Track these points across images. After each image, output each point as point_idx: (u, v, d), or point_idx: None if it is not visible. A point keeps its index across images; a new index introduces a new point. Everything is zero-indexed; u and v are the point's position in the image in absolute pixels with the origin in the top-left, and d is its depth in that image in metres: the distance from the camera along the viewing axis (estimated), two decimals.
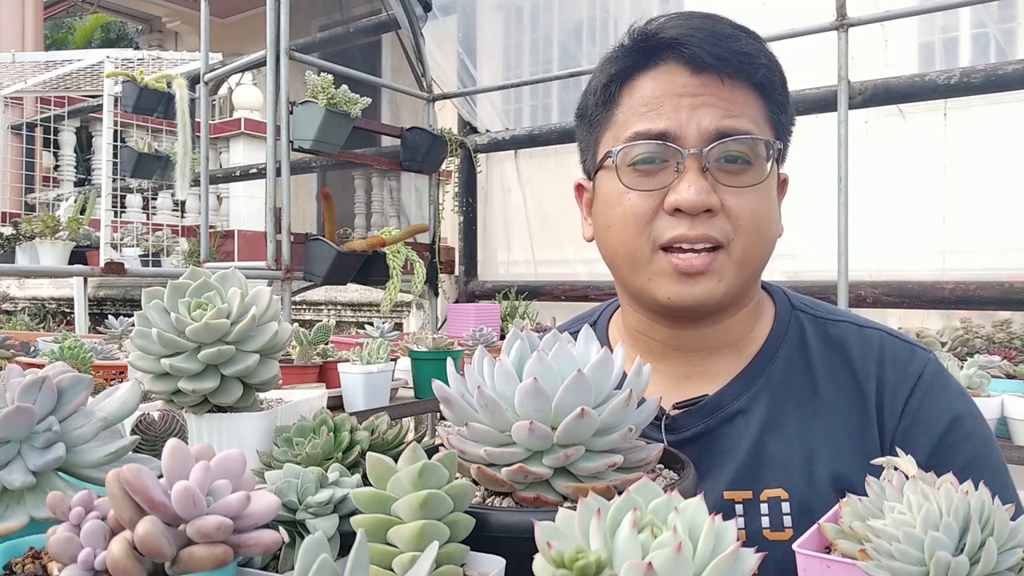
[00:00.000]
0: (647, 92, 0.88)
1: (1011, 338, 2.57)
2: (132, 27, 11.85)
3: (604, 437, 0.56)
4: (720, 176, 0.85)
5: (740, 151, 0.85)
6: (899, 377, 0.90)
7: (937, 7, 2.99)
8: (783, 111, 0.91)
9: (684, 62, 0.86)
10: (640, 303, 0.94)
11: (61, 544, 0.42)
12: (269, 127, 3.24)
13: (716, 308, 0.89)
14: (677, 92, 0.86)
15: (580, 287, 4.09)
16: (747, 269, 0.88)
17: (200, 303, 0.72)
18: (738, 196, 0.85)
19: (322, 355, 2.17)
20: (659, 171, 0.87)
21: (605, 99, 0.92)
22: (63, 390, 0.56)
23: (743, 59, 0.86)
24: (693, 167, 0.84)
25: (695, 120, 0.85)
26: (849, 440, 0.87)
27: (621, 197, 0.89)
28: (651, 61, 0.88)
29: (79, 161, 7.89)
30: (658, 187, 0.86)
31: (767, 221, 0.88)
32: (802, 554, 0.47)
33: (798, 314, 0.97)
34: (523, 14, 4.69)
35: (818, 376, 0.91)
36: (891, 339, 0.93)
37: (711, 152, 0.84)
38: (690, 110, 0.85)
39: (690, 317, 0.91)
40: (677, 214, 0.84)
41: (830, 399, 0.90)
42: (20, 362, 1.71)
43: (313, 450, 0.60)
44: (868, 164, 3.26)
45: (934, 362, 0.92)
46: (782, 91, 0.91)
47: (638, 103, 0.89)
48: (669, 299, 0.87)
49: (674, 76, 0.87)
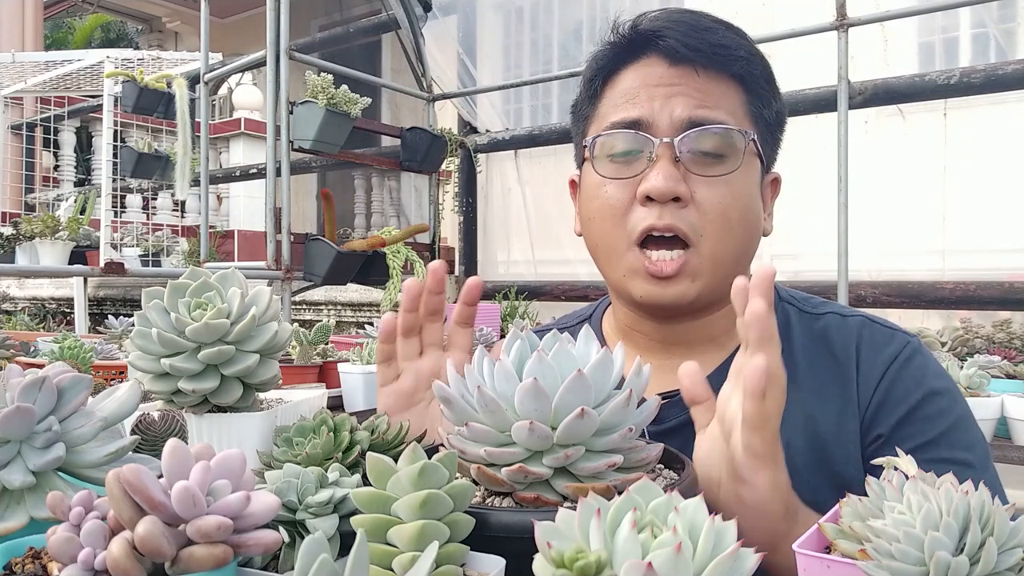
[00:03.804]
0: (627, 84, 0.90)
1: (1011, 338, 2.57)
2: (132, 27, 11.85)
3: (604, 437, 0.56)
4: (692, 166, 0.85)
5: (713, 142, 0.86)
6: (875, 358, 0.90)
7: (937, 7, 2.99)
8: (766, 105, 0.91)
9: (662, 54, 0.88)
10: (620, 298, 0.96)
11: (61, 544, 0.42)
12: (269, 127, 3.24)
13: (692, 307, 0.90)
14: (653, 83, 0.88)
15: (580, 287, 4.09)
16: (722, 267, 0.87)
17: (200, 303, 0.72)
18: (708, 187, 0.85)
19: (322, 355, 2.17)
20: (634, 161, 0.87)
21: (590, 94, 0.94)
22: (63, 390, 0.56)
23: (719, 50, 0.86)
24: (665, 155, 0.85)
25: (668, 109, 0.86)
26: (828, 424, 0.88)
27: (599, 189, 0.90)
28: (632, 55, 0.90)
29: (79, 161, 7.89)
30: (632, 176, 0.87)
31: (740, 216, 0.87)
32: (802, 554, 0.47)
33: (785, 306, 0.97)
34: (523, 14, 4.69)
35: (797, 365, 0.91)
36: (872, 324, 0.93)
37: (683, 141, 0.85)
38: (664, 99, 0.86)
39: (667, 315, 0.92)
40: (648, 203, 0.85)
41: (808, 385, 0.90)
42: (20, 362, 1.71)
43: (313, 450, 0.60)
44: (868, 164, 3.26)
45: (914, 344, 0.91)
46: (766, 85, 0.91)
47: (617, 95, 0.90)
48: (642, 297, 0.88)
49: (652, 68, 0.88)
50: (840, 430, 0.88)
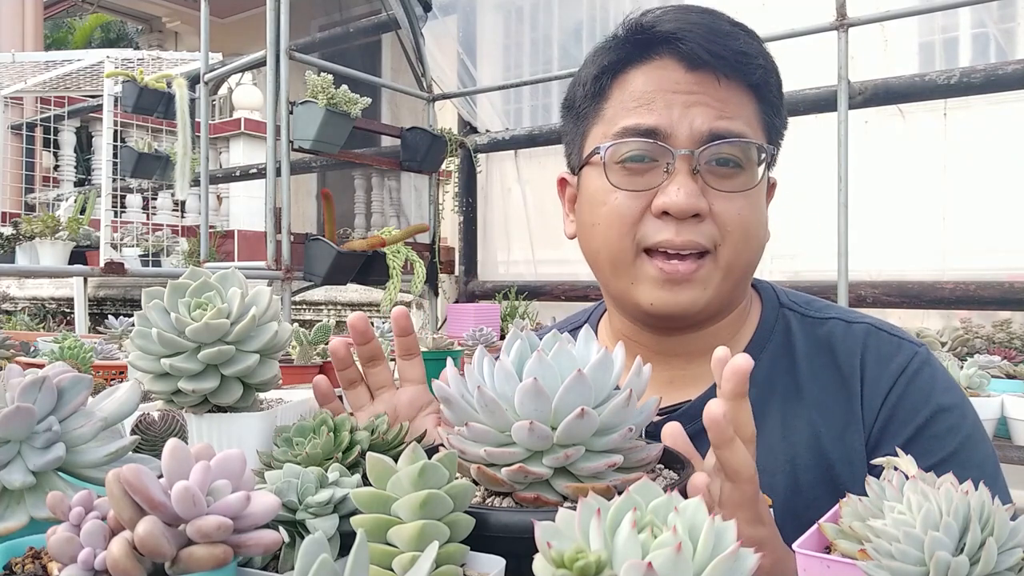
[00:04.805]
0: (639, 86, 0.85)
1: (1011, 338, 2.57)
2: (132, 27, 11.85)
3: (604, 437, 0.56)
4: (710, 179, 0.82)
5: (732, 154, 0.83)
6: (881, 371, 0.86)
7: (937, 7, 2.99)
8: (777, 114, 0.88)
9: (679, 58, 0.83)
10: (622, 307, 0.92)
11: (61, 544, 0.42)
12: (269, 127, 3.24)
13: (700, 316, 0.87)
14: (670, 88, 0.83)
15: (580, 287, 4.09)
16: (733, 276, 0.85)
17: (200, 303, 0.72)
18: (728, 201, 0.83)
19: (322, 355, 2.17)
20: (648, 170, 0.84)
21: (595, 91, 0.89)
22: (63, 390, 0.56)
23: (741, 58, 0.83)
24: (683, 169, 0.81)
25: (687, 119, 0.82)
26: (832, 441, 0.85)
27: (607, 195, 0.85)
28: (645, 55, 0.85)
29: (79, 161, 7.89)
30: (646, 187, 0.83)
31: (756, 227, 0.85)
32: (802, 554, 0.47)
33: (785, 312, 0.94)
34: (523, 14, 4.69)
35: (802, 377, 0.88)
36: (878, 332, 0.90)
37: (703, 154, 0.81)
38: (683, 108, 0.82)
39: (673, 324, 0.89)
40: (664, 217, 0.82)
41: (814, 399, 0.87)
42: (20, 362, 1.71)
43: (313, 450, 0.60)
44: (868, 164, 3.26)
45: (922, 355, 0.88)
46: (777, 93, 0.88)
47: (628, 97, 0.85)
48: (652, 305, 0.84)
49: (668, 72, 0.84)
50: (846, 448, 0.84)
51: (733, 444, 0.59)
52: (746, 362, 0.60)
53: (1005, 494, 0.80)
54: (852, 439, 0.85)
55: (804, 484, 0.84)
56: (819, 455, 0.84)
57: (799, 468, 0.84)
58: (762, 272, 0.97)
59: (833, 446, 0.85)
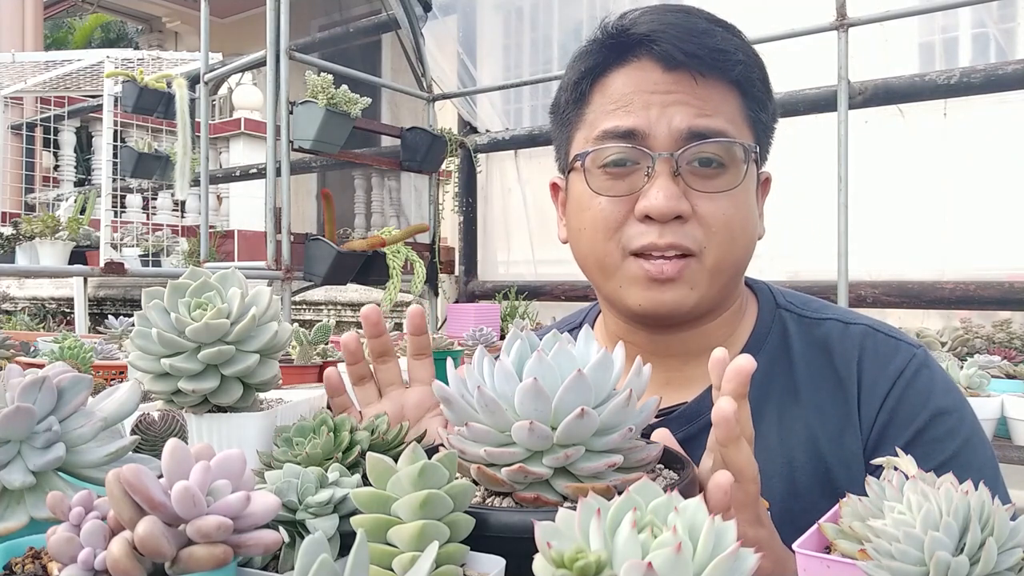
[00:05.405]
0: (617, 88, 0.85)
1: (1011, 338, 2.57)
2: (132, 27, 11.85)
3: (604, 437, 0.56)
4: (692, 180, 0.82)
5: (714, 153, 0.82)
6: (879, 374, 0.86)
7: (937, 7, 2.99)
8: (763, 109, 0.87)
9: (656, 59, 0.83)
10: (614, 308, 0.92)
11: (61, 544, 0.42)
12: (269, 127, 3.24)
13: (690, 315, 0.86)
14: (648, 89, 0.83)
15: (580, 287, 4.09)
16: (721, 277, 0.85)
17: (200, 303, 0.72)
18: (711, 202, 0.82)
19: (322, 355, 2.17)
20: (629, 174, 0.84)
21: (576, 96, 0.89)
22: (63, 390, 0.56)
23: (718, 56, 0.82)
24: (664, 171, 0.81)
25: (666, 118, 0.82)
26: (830, 443, 0.84)
27: (591, 201, 0.86)
28: (623, 57, 0.85)
29: (79, 161, 7.89)
30: (628, 192, 0.83)
31: (742, 227, 0.85)
32: (802, 554, 0.47)
33: (782, 313, 0.93)
34: (523, 14, 4.69)
35: (799, 378, 0.87)
36: (875, 334, 0.89)
37: (683, 155, 0.81)
38: (661, 108, 0.82)
39: (664, 324, 0.88)
40: (647, 220, 0.82)
41: (811, 401, 0.86)
42: (20, 362, 1.71)
43: (313, 450, 0.60)
44: (868, 164, 3.26)
45: (920, 357, 0.87)
46: (762, 88, 0.87)
47: (608, 100, 0.85)
48: (640, 306, 0.85)
49: (646, 73, 0.83)
50: (843, 451, 0.84)
51: (739, 443, 0.58)
52: (749, 363, 0.60)
53: (1005, 497, 0.80)
54: (849, 442, 0.84)
55: (801, 486, 0.83)
56: (816, 457, 0.84)
57: (796, 470, 0.84)
58: (762, 272, 0.97)
59: (830, 449, 0.84)
